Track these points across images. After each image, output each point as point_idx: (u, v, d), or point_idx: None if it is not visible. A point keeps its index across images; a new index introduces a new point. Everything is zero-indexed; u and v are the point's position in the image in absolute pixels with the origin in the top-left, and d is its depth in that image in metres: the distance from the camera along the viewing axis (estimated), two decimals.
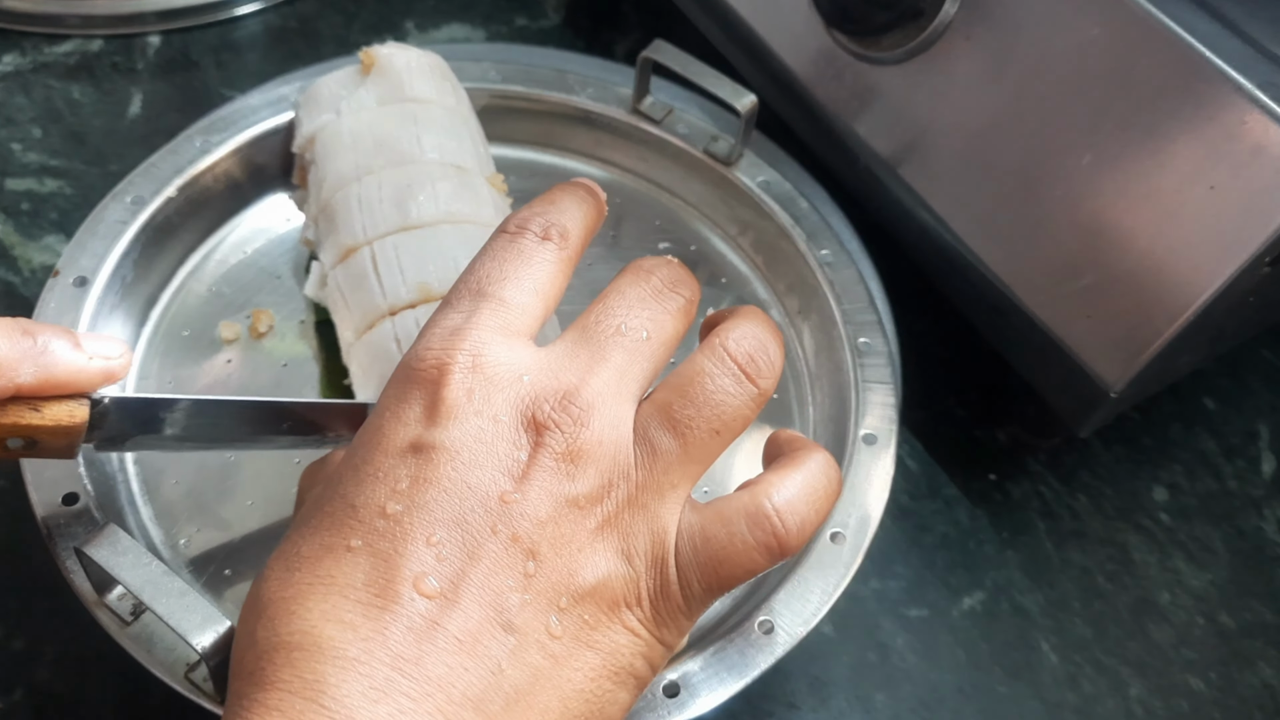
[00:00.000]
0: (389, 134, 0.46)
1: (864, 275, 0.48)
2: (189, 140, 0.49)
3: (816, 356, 0.48)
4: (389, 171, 0.45)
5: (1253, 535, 0.48)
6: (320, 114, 0.48)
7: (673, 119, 0.53)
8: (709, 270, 0.52)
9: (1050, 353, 0.43)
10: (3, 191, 0.54)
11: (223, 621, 0.33)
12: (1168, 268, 0.39)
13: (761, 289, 0.51)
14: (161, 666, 0.36)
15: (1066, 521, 0.48)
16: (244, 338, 0.48)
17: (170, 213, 0.48)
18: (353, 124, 0.47)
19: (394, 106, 0.47)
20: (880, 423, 0.43)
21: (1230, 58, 0.37)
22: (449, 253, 0.43)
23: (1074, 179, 0.41)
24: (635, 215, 0.53)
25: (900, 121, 0.47)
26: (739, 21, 0.53)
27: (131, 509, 0.42)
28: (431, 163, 0.45)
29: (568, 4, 0.66)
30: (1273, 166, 0.36)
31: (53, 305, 0.44)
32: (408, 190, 0.44)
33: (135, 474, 0.44)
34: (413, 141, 0.46)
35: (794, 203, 0.50)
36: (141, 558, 0.34)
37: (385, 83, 0.48)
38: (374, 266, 0.43)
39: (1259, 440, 0.52)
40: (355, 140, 0.46)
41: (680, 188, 0.53)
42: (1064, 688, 0.44)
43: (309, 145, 0.48)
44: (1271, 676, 0.45)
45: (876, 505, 0.41)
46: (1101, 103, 0.40)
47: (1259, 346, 0.55)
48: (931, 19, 0.44)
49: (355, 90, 0.48)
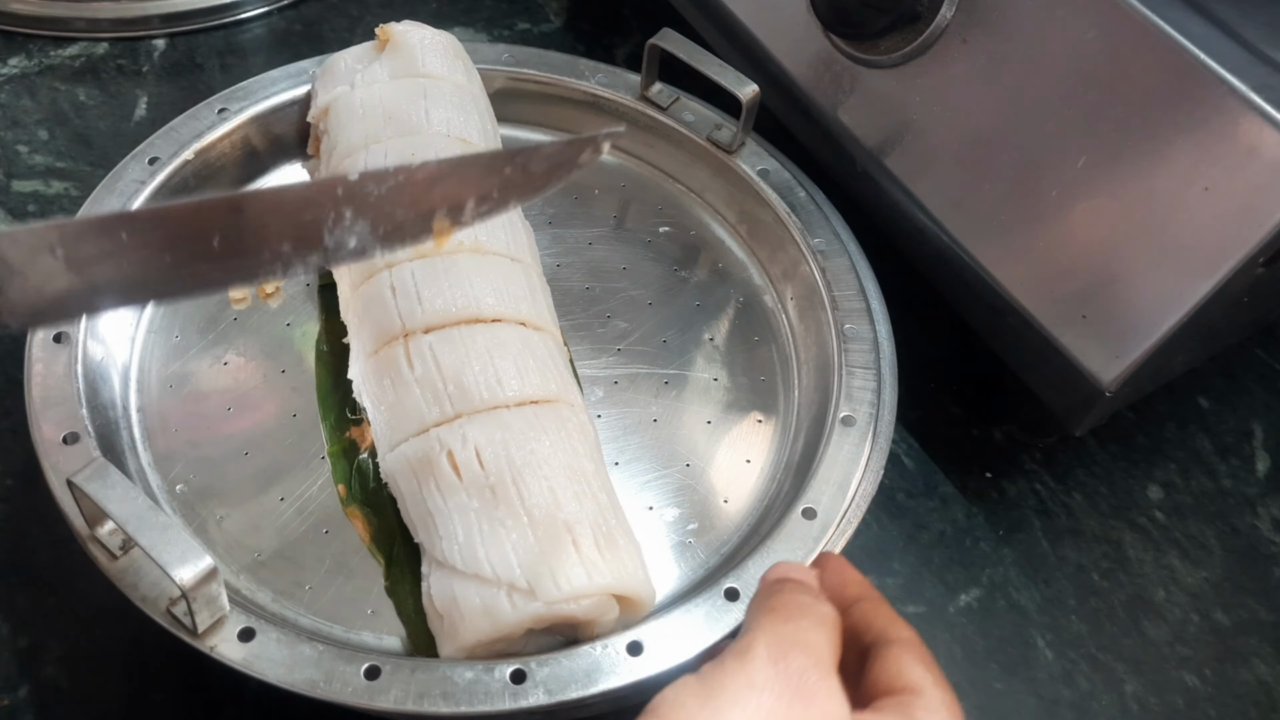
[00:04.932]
0: (399, 106, 0.47)
1: (856, 265, 0.49)
2: (209, 107, 0.50)
3: (805, 339, 0.49)
4: (396, 140, 0.46)
5: (1247, 533, 0.49)
6: (335, 86, 0.49)
7: (679, 106, 0.53)
8: (709, 257, 0.53)
9: (1046, 352, 0.44)
10: (9, 193, 0.55)
11: (203, 557, 0.34)
12: (1162, 268, 0.40)
13: (757, 275, 0.52)
14: (146, 601, 0.36)
15: (1062, 519, 0.49)
16: (253, 298, 0.49)
17: (187, 175, 0.49)
18: (365, 96, 0.48)
19: (406, 81, 0.48)
20: (860, 406, 0.44)
21: (1225, 61, 0.37)
22: None
23: (1070, 180, 0.42)
24: (639, 199, 0.54)
25: (897, 124, 0.47)
26: (738, 25, 0.54)
27: (132, 453, 0.44)
28: (437, 134, 0.47)
29: (569, 8, 0.66)
30: (1267, 168, 0.36)
31: None
32: (410, 159, 0.45)
33: (137, 421, 0.45)
34: (421, 114, 0.47)
35: (791, 191, 0.51)
36: (130, 492, 0.35)
37: (399, 58, 0.49)
38: None
39: (1253, 439, 0.52)
40: (366, 111, 0.48)
41: (683, 174, 0.54)
42: (1060, 684, 0.44)
43: (323, 115, 0.49)
44: (1265, 673, 0.45)
45: (851, 484, 0.42)
46: (1097, 105, 0.40)
47: (1253, 346, 0.55)
48: (929, 23, 0.45)
49: (370, 65, 0.49)
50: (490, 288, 0.43)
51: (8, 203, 0.54)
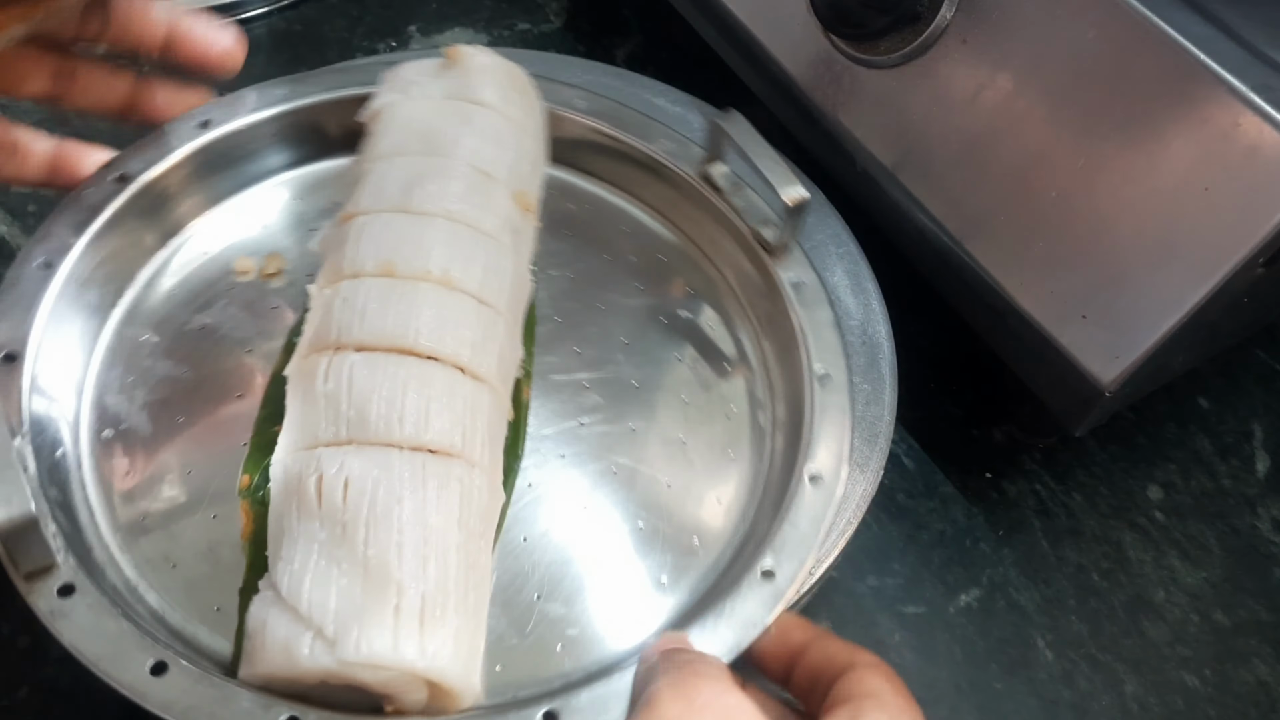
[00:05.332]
0: (435, 126, 0.47)
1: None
2: (298, 81, 0.52)
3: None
4: (416, 158, 0.46)
5: (1247, 533, 0.49)
6: (392, 92, 0.49)
7: (735, 191, 0.50)
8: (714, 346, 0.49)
9: (1045, 352, 0.44)
10: (9, 193, 0.55)
11: (26, 505, 0.33)
12: (1162, 268, 0.40)
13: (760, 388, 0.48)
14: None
15: (1062, 520, 0.49)
16: (254, 275, 0.49)
17: (244, 139, 0.50)
18: (410, 110, 0.48)
19: (454, 103, 0.48)
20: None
21: (1225, 61, 0.37)
22: (426, 243, 0.43)
23: (1070, 181, 0.42)
24: (672, 275, 0.51)
25: (897, 124, 0.47)
26: (737, 25, 0.54)
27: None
28: (459, 161, 0.46)
29: (569, 8, 0.66)
30: (1267, 168, 0.36)
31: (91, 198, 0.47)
32: (420, 178, 0.45)
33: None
34: (453, 139, 0.47)
35: (817, 308, 0.47)
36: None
37: (457, 80, 0.49)
38: (357, 234, 0.43)
39: (1253, 439, 0.52)
40: (406, 124, 0.48)
41: (719, 257, 0.51)
42: (1060, 684, 0.44)
43: (374, 118, 0.49)
44: (1266, 673, 0.45)
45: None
46: (1097, 105, 0.40)
47: (1253, 346, 0.55)
48: (928, 23, 0.45)
49: (430, 80, 0.49)
50: (436, 323, 0.41)
51: (8, 203, 0.54)
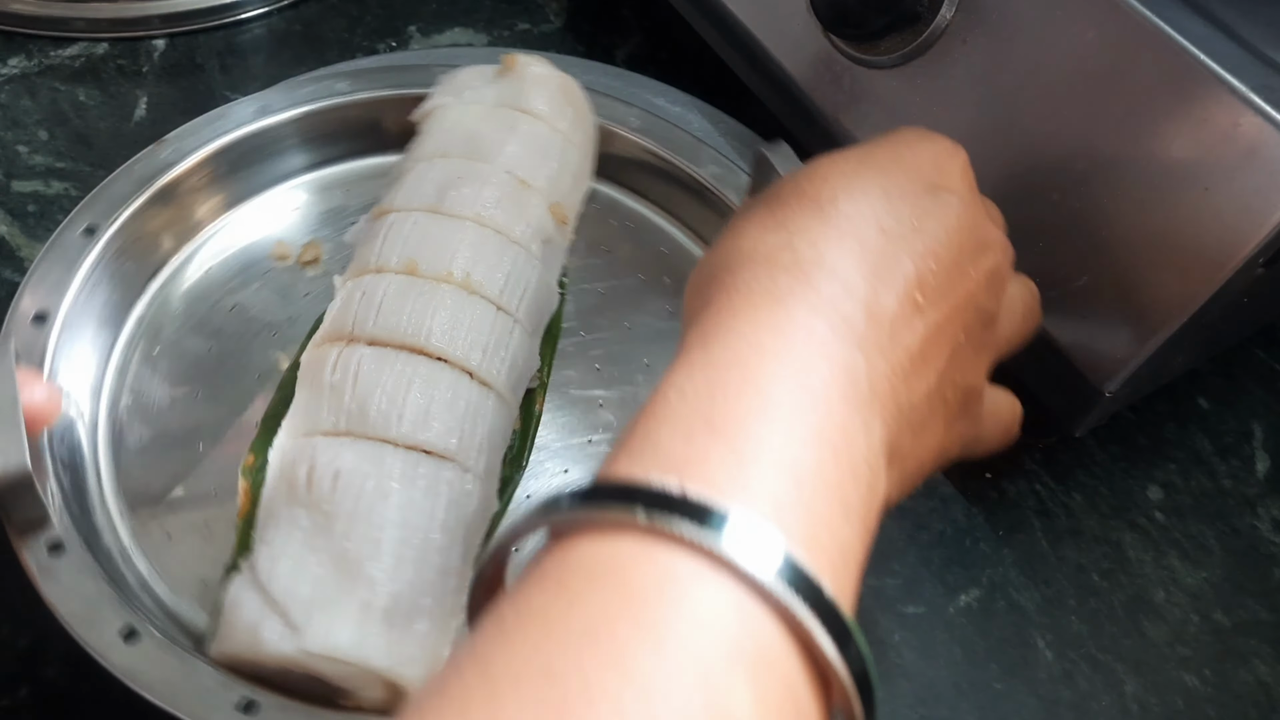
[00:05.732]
0: (481, 131, 0.48)
1: None
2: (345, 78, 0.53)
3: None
4: (457, 161, 0.46)
5: (1247, 534, 0.49)
6: (446, 95, 0.50)
7: None
8: None
9: (1045, 353, 0.44)
10: (9, 193, 0.55)
11: (23, 459, 0.34)
12: (1162, 269, 0.40)
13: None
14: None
15: (1062, 520, 0.49)
16: (292, 260, 0.50)
17: (296, 130, 0.51)
18: (461, 113, 0.49)
19: (503, 110, 0.49)
20: None
21: (1225, 61, 0.37)
22: (452, 245, 0.43)
23: (1069, 181, 0.42)
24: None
25: (897, 124, 0.47)
26: (737, 25, 0.54)
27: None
28: (497, 167, 0.46)
29: (569, 8, 0.66)
30: (1267, 168, 0.36)
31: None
32: (456, 181, 0.45)
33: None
34: (496, 145, 0.47)
35: None
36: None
37: (509, 88, 0.49)
38: (387, 230, 0.44)
39: (1253, 439, 0.52)
40: (454, 126, 0.48)
41: None
42: (1060, 684, 0.44)
43: (426, 117, 0.50)
44: (1266, 673, 0.45)
45: None
46: (1097, 106, 0.40)
47: (1253, 346, 0.55)
48: (928, 23, 0.45)
49: (484, 85, 0.50)
50: (450, 325, 0.41)
51: (8, 203, 0.54)
